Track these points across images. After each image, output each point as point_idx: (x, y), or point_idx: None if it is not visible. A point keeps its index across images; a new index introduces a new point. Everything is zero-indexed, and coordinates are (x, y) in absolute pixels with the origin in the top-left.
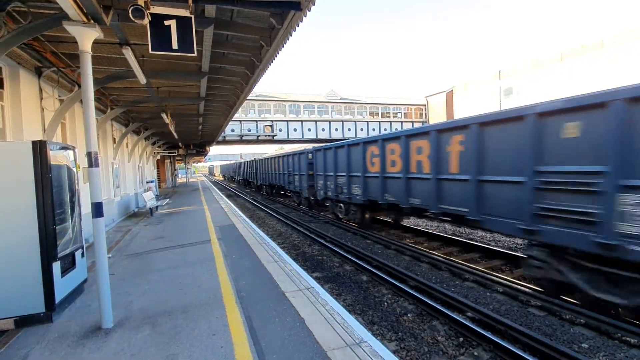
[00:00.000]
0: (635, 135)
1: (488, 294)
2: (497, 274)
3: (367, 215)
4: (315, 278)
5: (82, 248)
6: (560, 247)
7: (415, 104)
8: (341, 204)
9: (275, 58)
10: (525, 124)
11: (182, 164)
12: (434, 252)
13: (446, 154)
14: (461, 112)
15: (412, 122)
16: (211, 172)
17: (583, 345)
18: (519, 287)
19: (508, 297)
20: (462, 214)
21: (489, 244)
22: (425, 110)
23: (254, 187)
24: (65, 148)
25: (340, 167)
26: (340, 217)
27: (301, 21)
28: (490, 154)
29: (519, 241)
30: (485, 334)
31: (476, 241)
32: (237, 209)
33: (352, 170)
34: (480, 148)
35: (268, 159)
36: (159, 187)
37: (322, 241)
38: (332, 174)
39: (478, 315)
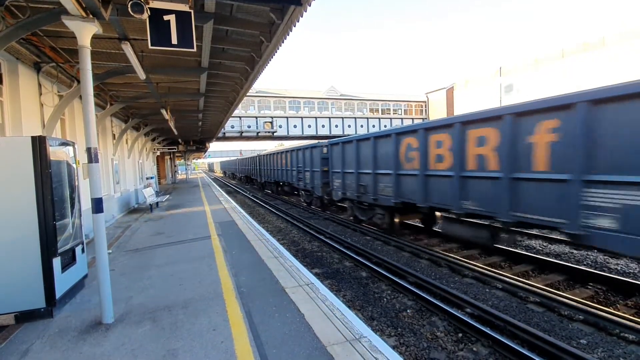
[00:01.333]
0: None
1: (487, 290)
2: (497, 270)
3: None
4: (315, 274)
5: (83, 244)
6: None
7: (416, 101)
8: None
9: (276, 54)
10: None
11: (182, 161)
12: (433, 249)
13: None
14: (461, 109)
15: (413, 118)
16: (211, 169)
17: (582, 341)
18: (519, 283)
19: (507, 294)
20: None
21: None
22: (426, 107)
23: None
24: (65, 144)
25: None
26: None
27: (301, 16)
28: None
29: (518, 238)
30: (484, 329)
31: None
32: (237, 205)
33: None
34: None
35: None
36: (159, 183)
37: (321, 237)
38: None
39: (477, 311)
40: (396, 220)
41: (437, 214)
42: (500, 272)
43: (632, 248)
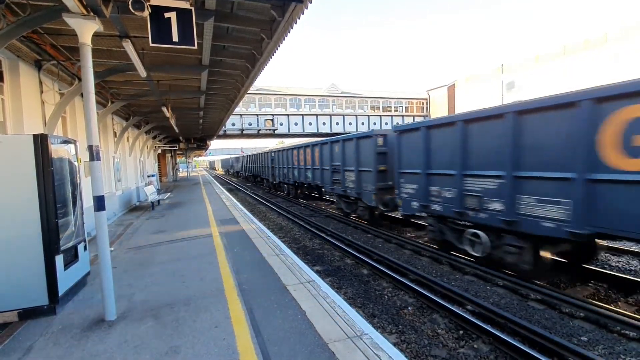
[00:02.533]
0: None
1: (488, 287)
2: (498, 268)
3: None
4: (316, 271)
5: (85, 241)
6: None
7: (417, 98)
8: None
9: (276, 51)
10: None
11: (183, 158)
12: (434, 246)
13: None
14: (463, 107)
15: (414, 116)
16: (212, 167)
17: (582, 338)
18: (519, 281)
19: (508, 291)
20: None
21: None
22: (427, 105)
23: None
24: (66, 142)
25: None
26: None
27: (302, 13)
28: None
29: None
30: (485, 326)
31: None
32: (238, 203)
33: None
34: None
35: None
36: (160, 181)
37: (322, 235)
38: None
39: (478, 308)
40: None
41: None
42: (502, 270)
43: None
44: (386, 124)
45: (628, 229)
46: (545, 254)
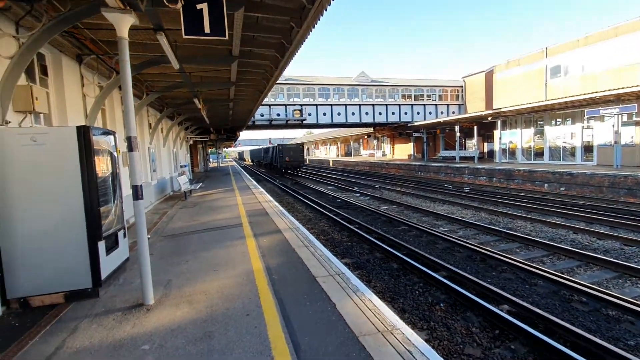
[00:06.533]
0: None
1: (527, 286)
2: (538, 266)
3: None
4: (345, 264)
5: (124, 228)
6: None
7: (452, 85)
8: None
9: (306, 40)
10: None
11: (214, 149)
12: (468, 241)
13: None
14: (503, 95)
15: (448, 104)
16: (241, 157)
17: (629, 342)
18: (562, 280)
19: (549, 291)
20: None
21: (529, 234)
22: (462, 92)
23: None
24: (106, 133)
25: None
26: None
27: (333, 0)
28: None
29: (563, 232)
30: (524, 327)
31: (516, 231)
32: (266, 193)
33: None
34: None
35: None
36: (192, 171)
37: (352, 227)
38: None
39: (516, 307)
40: None
41: None
42: (542, 268)
43: None
44: (418, 112)
45: None
46: None
